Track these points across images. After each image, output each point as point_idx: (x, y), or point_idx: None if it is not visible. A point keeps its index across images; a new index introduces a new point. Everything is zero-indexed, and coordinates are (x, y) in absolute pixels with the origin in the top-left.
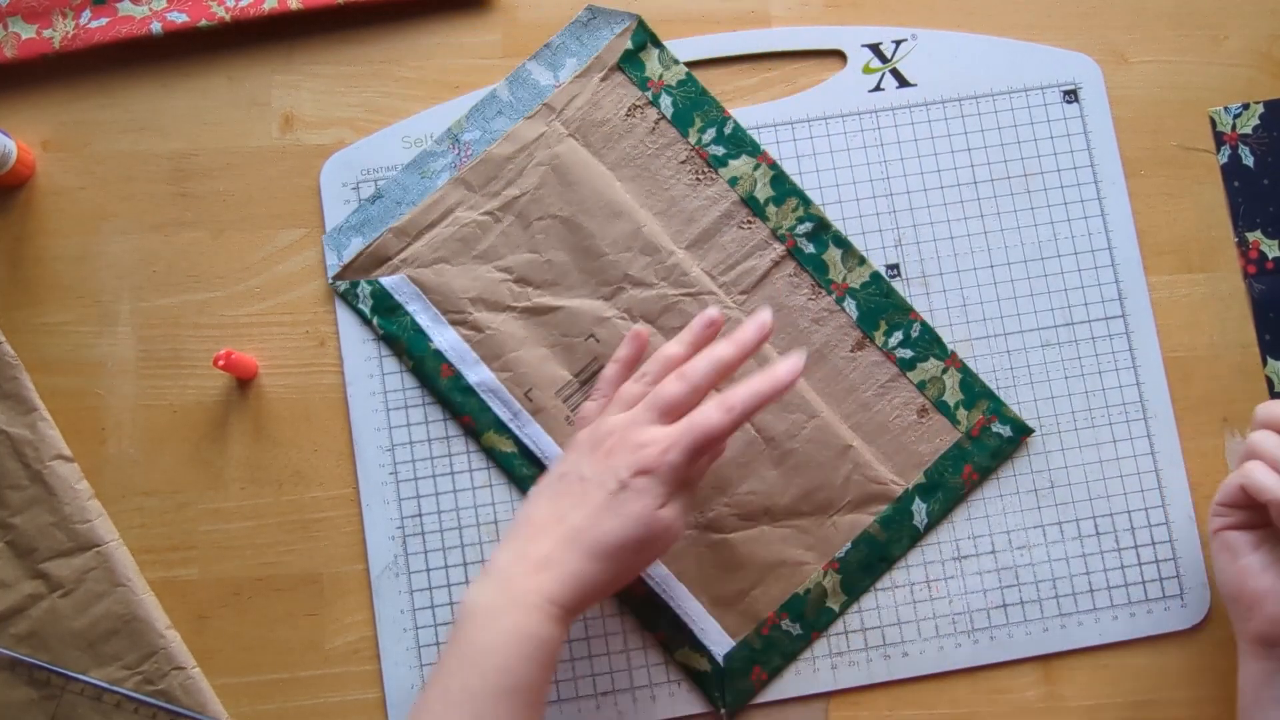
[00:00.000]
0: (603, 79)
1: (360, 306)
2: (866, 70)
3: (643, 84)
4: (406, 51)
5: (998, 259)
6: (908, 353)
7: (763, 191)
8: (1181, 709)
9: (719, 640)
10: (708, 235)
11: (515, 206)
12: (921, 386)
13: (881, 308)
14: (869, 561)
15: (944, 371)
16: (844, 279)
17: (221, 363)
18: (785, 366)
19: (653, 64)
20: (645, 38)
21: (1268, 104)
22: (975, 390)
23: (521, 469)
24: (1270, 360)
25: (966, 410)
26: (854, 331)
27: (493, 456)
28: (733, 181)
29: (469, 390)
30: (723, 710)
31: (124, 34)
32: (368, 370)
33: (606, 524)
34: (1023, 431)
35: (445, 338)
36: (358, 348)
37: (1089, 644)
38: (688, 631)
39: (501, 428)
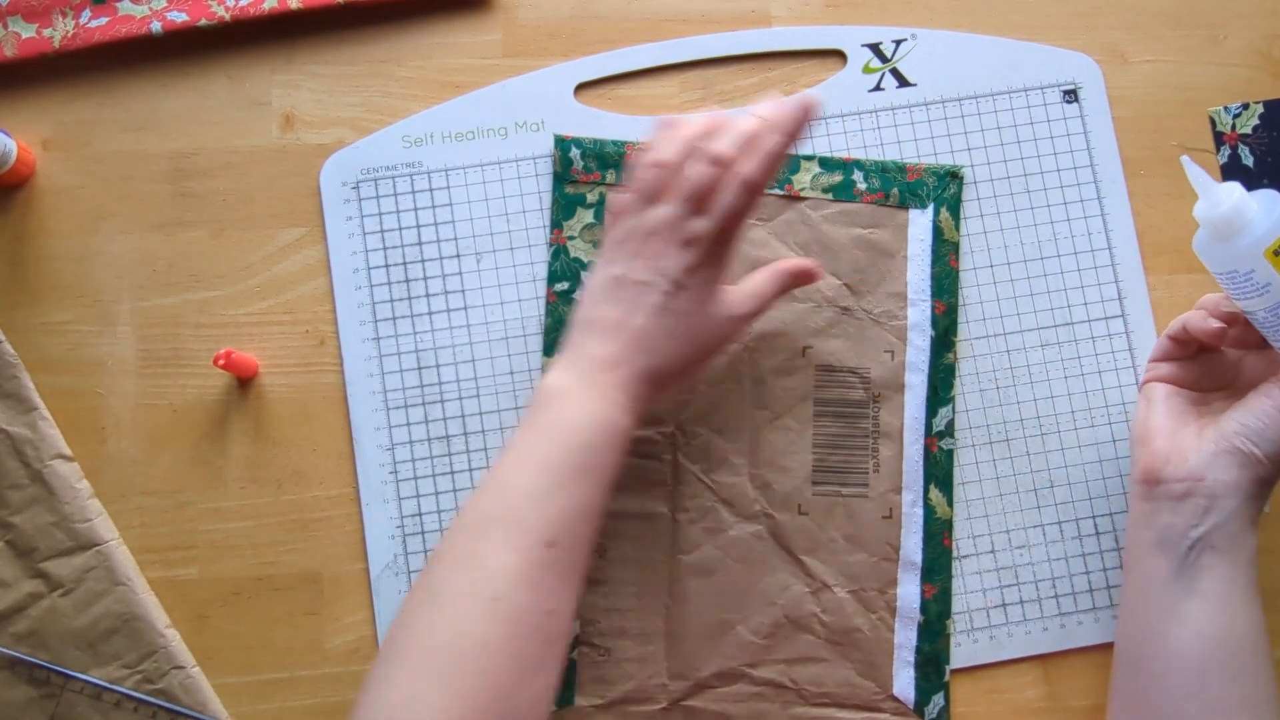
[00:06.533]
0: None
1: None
2: (866, 70)
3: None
4: (406, 51)
5: (997, 259)
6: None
7: None
8: None
9: None
10: None
11: None
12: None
13: None
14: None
15: None
16: None
17: (221, 362)
18: (792, 102)
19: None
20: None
21: (1268, 104)
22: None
23: None
24: None
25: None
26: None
27: None
28: None
29: None
30: None
31: (124, 33)
32: (368, 370)
33: (668, 322)
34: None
35: None
36: (358, 347)
37: (1089, 644)
38: None
39: None
